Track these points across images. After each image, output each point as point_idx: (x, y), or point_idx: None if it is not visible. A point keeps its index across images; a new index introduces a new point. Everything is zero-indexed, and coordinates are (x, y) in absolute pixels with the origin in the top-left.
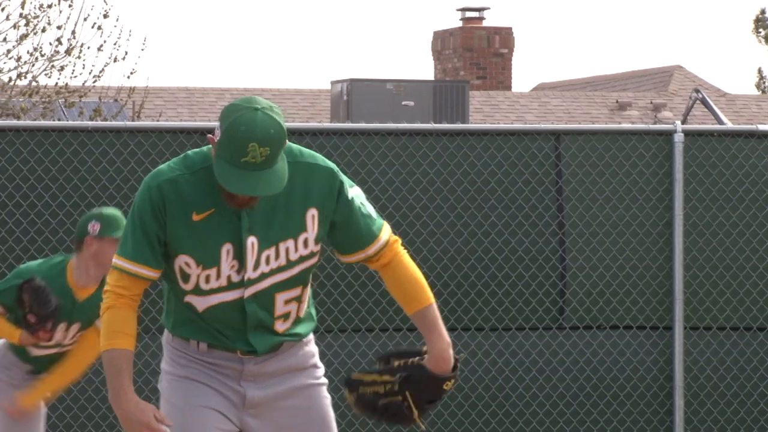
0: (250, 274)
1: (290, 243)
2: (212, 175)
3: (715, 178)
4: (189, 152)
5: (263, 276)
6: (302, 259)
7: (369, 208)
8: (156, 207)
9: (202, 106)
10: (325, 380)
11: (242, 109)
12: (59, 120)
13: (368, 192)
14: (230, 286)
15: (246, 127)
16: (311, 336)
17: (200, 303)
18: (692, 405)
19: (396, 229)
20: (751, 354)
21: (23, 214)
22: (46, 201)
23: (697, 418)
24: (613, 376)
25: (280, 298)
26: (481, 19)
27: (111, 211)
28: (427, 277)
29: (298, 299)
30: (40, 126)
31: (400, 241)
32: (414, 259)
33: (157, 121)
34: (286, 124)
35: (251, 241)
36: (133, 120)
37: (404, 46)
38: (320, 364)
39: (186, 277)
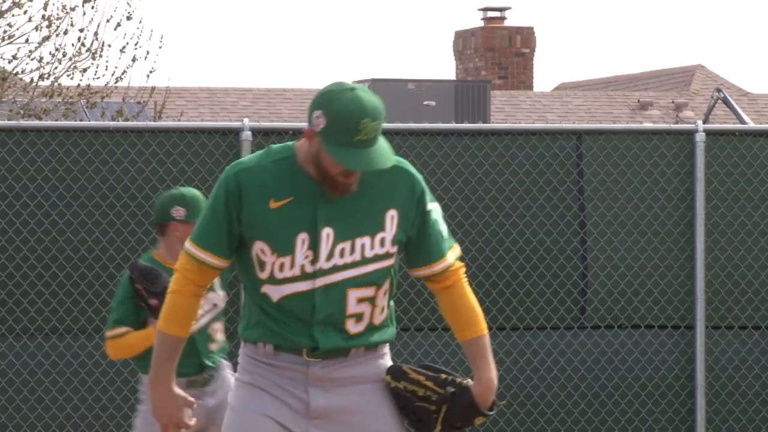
0: (323, 264)
1: (367, 240)
2: (293, 165)
3: (736, 178)
4: (272, 145)
5: (336, 268)
6: (377, 257)
7: (443, 227)
8: (231, 194)
9: (224, 106)
10: None
11: (339, 91)
12: (81, 120)
13: None
14: (303, 276)
15: (355, 106)
16: (387, 349)
17: (275, 293)
18: (714, 404)
19: None
20: None
21: (45, 214)
22: (68, 201)
23: (719, 418)
24: (635, 376)
25: (353, 295)
26: (502, 18)
27: (192, 193)
28: None
29: (372, 301)
30: (61, 126)
31: (464, 268)
32: None
33: (179, 121)
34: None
35: (327, 232)
36: (154, 120)
37: (426, 46)
38: None
39: (262, 265)
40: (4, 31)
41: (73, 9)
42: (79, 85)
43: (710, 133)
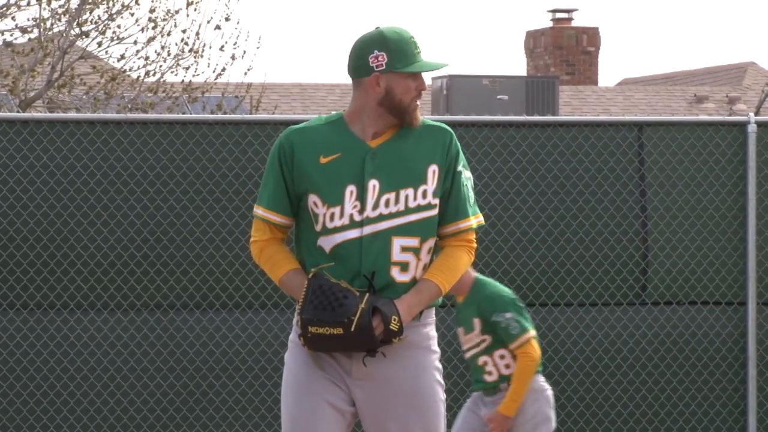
0: (369, 212)
1: (410, 191)
2: (342, 126)
3: None
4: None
5: (382, 217)
6: (420, 208)
7: (471, 193)
8: (283, 152)
9: (314, 101)
10: (439, 366)
11: (375, 33)
12: (183, 114)
13: None
14: (352, 224)
15: (399, 31)
16: (431, 319)
17: (327, 243)
18: (764, 374)
19: (492, 212)
20: None
21: (150, 199)
22: (171, 187)
23: None
24: (692, 348)
25: (397, 242)
26: (570, 19)
27: None
28: (519, 257)
29: (416, 253)
30: (165, 119)
31: (475, 242)
32: (508, 241)
33: (273, 114)
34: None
35: (373, 183)
36: (250, 113)
37: (499, 45)
38: (437, 348)
39: (316, 218)
40: (114, 33)
41: (177, 12)
42: (182, 81)
43: (761, 125)
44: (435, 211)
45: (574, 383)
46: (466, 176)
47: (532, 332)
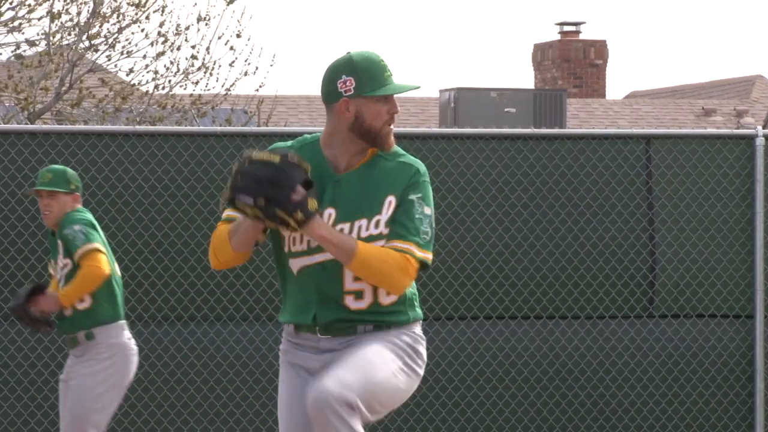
0: None
1: (364, 222)
2: (315, 149)
3: None
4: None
5: None
6: (371, 237)
7: (421, 225)
8: None
9: (321, 113)
10: (407, 348)
11: (345, 58)
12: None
13: (473, 192)
14: (309, 251)
15: (368, 55)
16: (409, 327)
17: (295, 265)
18: None
19: (499, 225)
20: None
21: (158, 211)
22: (179, 199)
23: None
24: (699, 361)
25: (348, 272)
26: (577, 32)
27: None
28: (527, 270)
29: None
30: (173, 131)
31: (416, 266)
32: (516, 253)
33: (281, 126)
34: (398, 130)
35: (329, 212)
36: (258, 126)
37: (507, 57)
38: (417, 347)
39: (282, 239)
40: (123, 47)
41: (187, 29)
42: (191, 94)
43: None
44: (383, 242)
45: (581, 396)
46: (424, 211)
47: (99, 246)
